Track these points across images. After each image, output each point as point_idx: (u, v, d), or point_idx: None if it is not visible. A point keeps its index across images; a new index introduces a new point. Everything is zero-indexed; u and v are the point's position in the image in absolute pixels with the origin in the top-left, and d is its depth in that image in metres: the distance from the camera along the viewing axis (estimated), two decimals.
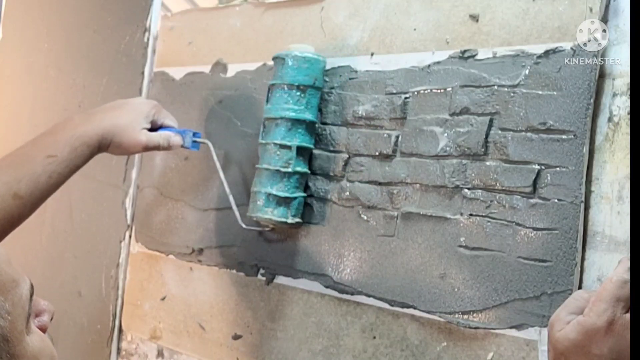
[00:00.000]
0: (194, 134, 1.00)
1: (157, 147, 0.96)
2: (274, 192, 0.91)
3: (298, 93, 0.91)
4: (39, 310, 0.59)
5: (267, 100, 0.94)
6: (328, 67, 0.94)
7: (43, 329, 0.58)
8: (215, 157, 1.00)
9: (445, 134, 0.81)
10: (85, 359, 1.30)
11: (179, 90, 1.17)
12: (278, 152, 0.91)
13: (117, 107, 0.96)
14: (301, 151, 0.92)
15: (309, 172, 0.93)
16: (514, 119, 0.75)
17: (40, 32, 1.53)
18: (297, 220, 0.92)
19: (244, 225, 0.98)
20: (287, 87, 0.92)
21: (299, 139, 0.92)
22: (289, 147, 0.91)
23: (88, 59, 1.39)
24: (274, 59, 0.95)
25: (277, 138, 0.92)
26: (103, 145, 0.92)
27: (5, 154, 0.93)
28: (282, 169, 0.91)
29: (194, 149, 1.01)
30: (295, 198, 0.92)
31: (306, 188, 0.94)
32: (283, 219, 0.91)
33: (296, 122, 0.91)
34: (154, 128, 0.97)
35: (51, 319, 0.60)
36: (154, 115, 0.97)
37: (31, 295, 0.54)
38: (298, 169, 0.91)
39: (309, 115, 0.92)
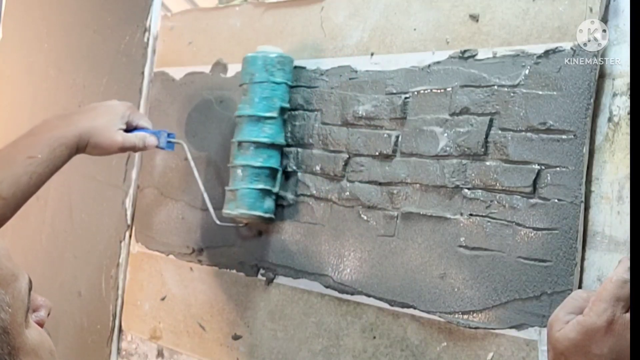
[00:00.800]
0: (169, 135, 1.03)
1: (133, 148, 0.99)
2: (227, 187, 0.98)
3: (241, 92, 0.98)
4: (37, 305, 0.60)
5: None
6: (328, 67, 0.94)
7: (41, 324, 0.59)
8: (189, 157, 1.04)
9: (445, 134, 0.81)
10: (85, 359, 1.30)
11: (179, 90, 1.17)
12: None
13: (93, 109, 0.99)
14: (244, 145, 0.96)
15: (255, 164, 0.95)
16: (514, 119, 0.75)
17: (40, 32, 1.53)
18: (242, 211, 0.95)
19: (218, 222, 1.02)
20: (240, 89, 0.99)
21: (239, 135, 0.96)
22: (232, 144, 0.98)
23: (88, 59, 1.39)
24: None
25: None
26: (80, 146, 0.94)
27: None
28: (229, 164, 0.98)
29: (168, 149, 1.04)
30: (237, 190, 0.96)
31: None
32: (228, 210, 0.97)
33: (237, 118, 0.97)
34: (129, 129, 1.00)
35: (48, 314, 0.61)
36: (129, 116, 0.99)
37: (30, 290, 0.55)
38: (239, 162, 0.96)
39: (246, 111, 0.95)
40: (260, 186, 0.95)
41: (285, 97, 0.96)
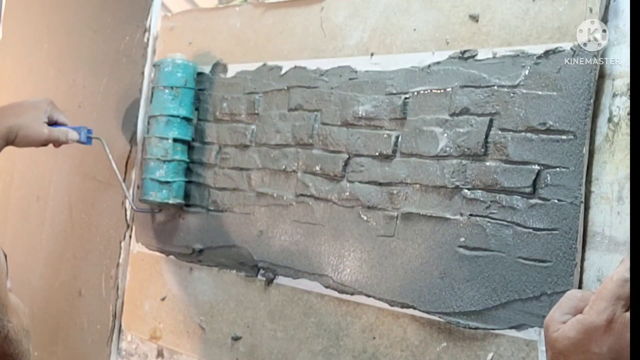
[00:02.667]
0: (88, 131, 1.14)
1: (57, 141, 1.09)
2: (144, 177, 1.10)
3: (158, 93, 1.11)
4: None
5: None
6: (328, 67, 0.94)
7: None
8: (107, 151, 1.16)
9: (445, 134, 0.81)
10: (85, 359, 1.30)
11: None
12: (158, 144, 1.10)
13: (19, 105, 1.08)
14: (161, 139, 1.09)
15: (172, 158, 1.08)
16: (514, 119, 0.75)
17: (40, 32, 1.53)
18: (160, 199, 1.08)
19: (134, 208, 1.17)
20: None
21: (157, 131, 1.09)
22: (147, 138, 1.11)
23: (88, 59, 1.39)
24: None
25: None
26: (10, 139, 1.03)
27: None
28: (144, 156, 1.11)
29: (88, 144, 1.15)
30: (155, 179, 1.08)
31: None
32: (146, 197, 1.09)
33: (158, 117, 1.10)
34: (50, 123, 1.09)
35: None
36: (50, 111, 1.08)
37: (5, 258, 0.62)
38: (157, 154, 1.09)
39: (171, 111, 1.09)
40: (177, 178, 1.09)
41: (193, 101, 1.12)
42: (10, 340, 0.59)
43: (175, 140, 1.08)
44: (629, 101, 0.68)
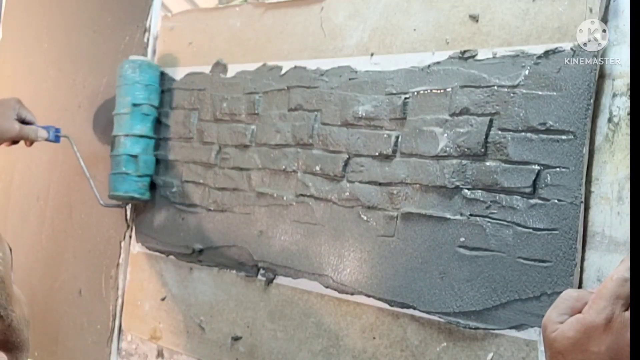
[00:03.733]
0: (56, 130, 1.20)
1: (27, 137, 1.15)
2: (111, 173, 1.16)
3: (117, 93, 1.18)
4: None
5: None
6: (328, 67, 0.94)
7: None
8: (75, 148, 1.21)
9: (445, 134, 0.81)
10: (85, 359, 1.30)
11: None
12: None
13: None
14: (122, 137, 1.15)
15: (132, 153, 1.13)
16: (514, 120, 0.75)
17: (40, 32, 1.53)
18: (127, 193, 1.14)
19: (102, 203, 1.21)
20: None
21: (118, 129, 1.15)
22: (113, 137, 1.16)
23: (88, 59, 1.39)
24: None
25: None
26: None
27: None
28: (110, 153, 1.17)
29: (56, 142, 1.21)
30: (120, 174, 1.14)
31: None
32: (113, 192, 1.15)
33: (115, 115, 1.17)
34: (19, 122, 1.14)
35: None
36: (18, 109, 1.14)
37: (10, 251, 0.64)
38: (119, 151, 1.14)
39: (121, 109, 1.15)
40: (140, 172, 1.14)
41: (152, 97, 1.15)
42: (13, 329, 0.60)
43: (115, 136, 1.15)
44: (629, 101, 0.68)
